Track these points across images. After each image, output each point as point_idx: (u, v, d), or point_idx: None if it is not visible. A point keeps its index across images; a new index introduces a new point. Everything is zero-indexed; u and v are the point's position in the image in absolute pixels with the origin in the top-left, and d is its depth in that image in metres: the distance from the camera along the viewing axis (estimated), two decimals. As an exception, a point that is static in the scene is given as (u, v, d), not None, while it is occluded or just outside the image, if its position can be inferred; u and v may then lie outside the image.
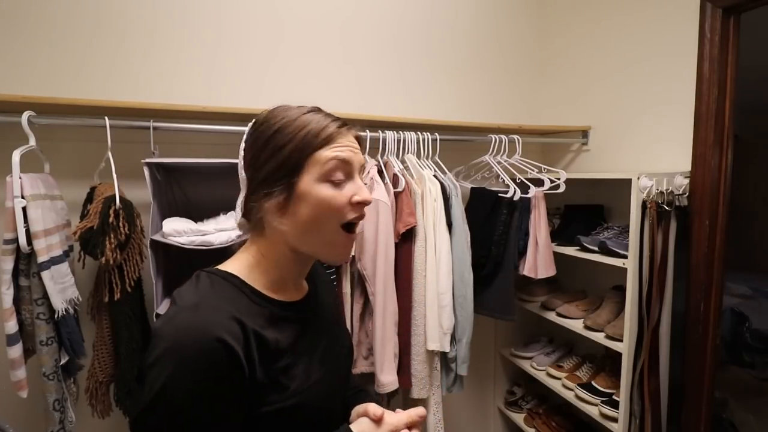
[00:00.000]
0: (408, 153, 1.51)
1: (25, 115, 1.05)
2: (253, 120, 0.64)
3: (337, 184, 0.58)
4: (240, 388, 0.50)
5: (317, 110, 0.62)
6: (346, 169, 0.59)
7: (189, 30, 1.43)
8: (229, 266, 0.62)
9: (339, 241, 0.60)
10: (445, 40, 1.85)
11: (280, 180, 0.57)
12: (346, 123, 0.62)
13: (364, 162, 0.63)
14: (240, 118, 1.36)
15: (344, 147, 0.59)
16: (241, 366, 0.50)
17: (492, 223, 1.57)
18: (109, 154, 1.14)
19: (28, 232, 0.98)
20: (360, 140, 0.64)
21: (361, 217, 0.60)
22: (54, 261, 1.03)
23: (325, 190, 0.57)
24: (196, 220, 1.24)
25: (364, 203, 0.59)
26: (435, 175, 1.48)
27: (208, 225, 1.21)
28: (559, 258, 1.65)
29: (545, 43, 2.06)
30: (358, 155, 0.61)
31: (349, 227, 0.61)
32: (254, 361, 0.52)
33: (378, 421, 0.60)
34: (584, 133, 1.89)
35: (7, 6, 1.22)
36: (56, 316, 1.03)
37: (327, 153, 0.57)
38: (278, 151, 0.57)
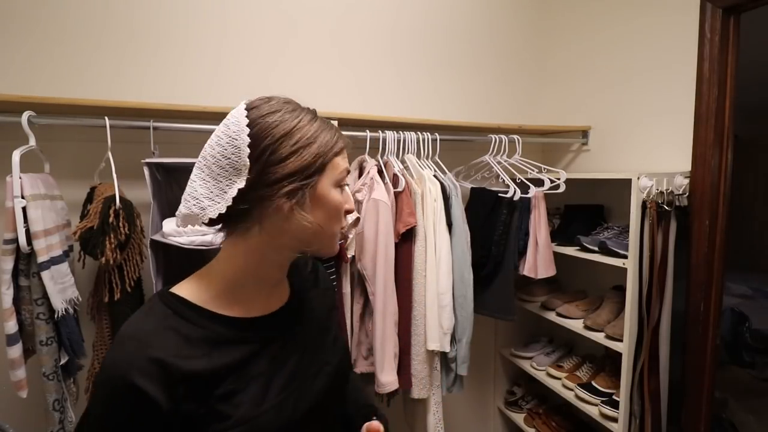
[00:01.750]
0: (408, 153, 1.51)
1: (25, 115, 1.05)
2: (246, 108, 0.58)
3: (341, 192, 0.61)
4: (154, 426, 0.49)
5: (313, 109, 0.63)
6: (345, 178, 0.62)
7: (189, 30, 1.43)
8: (187, 283, 0.59)
9: (336, 239, 0.63)
10: (445, 40, 1.85)
11: (306, 179, 0.55)
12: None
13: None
14: (240, 118, 1.36)
15: (346, 158, 0.62)
16: (154, 405, 0.48)
17: (492, 223, 1.57)
18: (109, 154, 1.14)
19: (28, 232, 0.98)
20: None
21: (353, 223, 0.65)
22: (54, 261, 1.03)
23: (337, 196, 0.60)
24: (196, 220, 1.24)
25: (350, 211, 0.63)
26: (435, 175, 1.48)
27: (208, 225, 1.21)
28: (559, 258, 1.65)
29: (545, 43, 2.06)
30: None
31: None
32: (179, 396, 0.49)
33: None
34: (584, 133, 1.89)
35: (7, 6, 1.22)
36: (56, 316, 1.03)
37: (341, 161, 0.60)
38: (303, 149, 0.55)
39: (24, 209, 0.98)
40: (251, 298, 0.60)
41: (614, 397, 1.49)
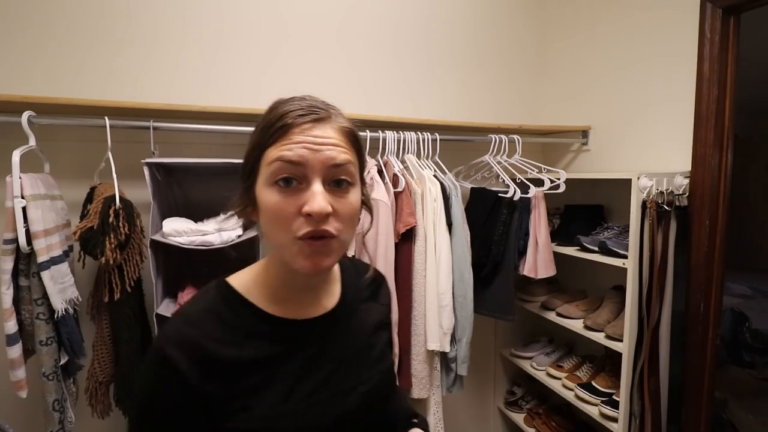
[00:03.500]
0: (408, 153, 1.51)
1: (25, 115, 1.05)
2: None
3: (285, 190, 0.49)
4: (188, 404, 0.50)
5: (300, 99, 0.53)
6: (298, 172, 0.49)
7: (189, 30, 1.43)
8: (243, 272, 0.60)
9: (297, 252, 0.50)
10: (445, 40, 1.85)
11: (247, 179, 0.53)
12: (321, 113, 0.52)
13: (338, 160, 0.50)
14: (240, 118, 1.36)
15: (297, 144, 0.48)
16: (184, 379, 0.49)
17: (492, 223, 1.57)
18: (109, 154, 1.14)
19: (27, 232, 0.98)
20: (347, 135, 0.54)
21: (319, 232, 0.48)
22: (54, 261, 1.03)
23: (270, 197, 0.49)
24: (196, 220, 1.24)
25: (315, 215, 0.47)
26: (435, 175, 1.48)
27: (208, 225, 1.21)
28: (559, 258, 1.65)
29: (545, 43, 2.06)
30: (322, 152, 0.49)
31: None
32: (207, 377, 0.50)
33: None
34: (584, 133, 1.89)
35: (8, 6, 1.22)
36: (56, 316, 1.03)
37: (273, 152, 0.49)
38: (249, 145, 0.53)
39: (24, 209, 0.98)
40: (289, 299, 0.58)
41: (614, 397, 1.49)
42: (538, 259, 1.60)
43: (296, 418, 0.53)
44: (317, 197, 0.47)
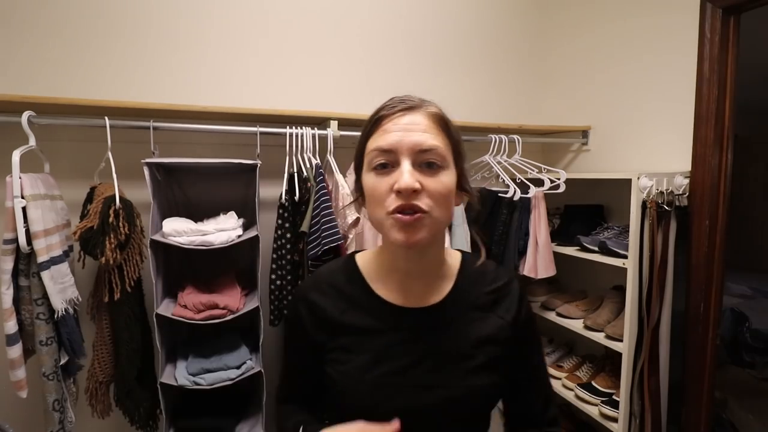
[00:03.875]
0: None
1: (25, 115, 1.06)
2: None
3: (381, 173, 0.55)
4: (305, 339, 0.63)
5: (393, 98, 0.59)
6: (390, 157, 0.54)
7: (190, 30, 1.43)
8: (369, 251, 0.69)
9: (390, 226, 0.54)
10: (445, 40, 1.85)
11: (357, 170, 0.62)
12: (411, 104, 0.57)
13: (425, 144, 0.54)
14: (240, 118, 1.36)
15: (389, 132, 0.55)
16: (303, 325, 0.63)
17: (492, 223, 1.57)
18: (109, 154, 1.14)
19: (27, 232, 0.98)
20: (437, 120, 0.57)
21: (408, 206, 0.52)
22: (54, 261, 1.03)
23: (369, 180, 0.57)
24: (196, 220, 1.24)
25: (402, 191, 0.52)
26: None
27: (208, 225, 1.21)
28: (559, 258, 1.65)
29: (546, 44, 2.06)
30: (410, 137, 0.54)
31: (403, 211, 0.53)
32: (318, 327, 0.62)
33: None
34: (584, 133, 1.89)
35: (8, 6, 1.22)
36: (56, 316, 1.03)
37: (371, 143, 0.57)
38: (356, 147, 0.62)
39: (24, 209, 0.98)
40: (396, 283, 0.62)
41: (614, 397, 1.49)
42: (538, 259, 1.60)
43: (370, 391, 0.58)
44: (404, 175, 0.52)
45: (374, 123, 0.57)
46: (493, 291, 0.64)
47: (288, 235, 1.29)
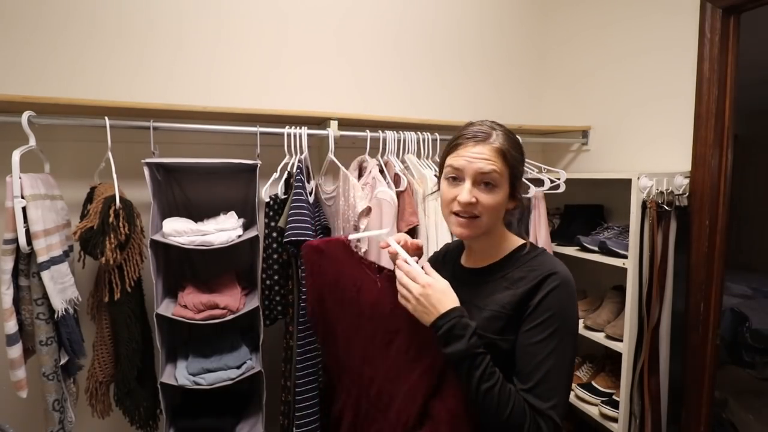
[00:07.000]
0: (408, 153, 1.51)
1: (25, 115, 1.05)
2: None
3: (452, 183, 0.78)
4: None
5: (479, 123, 0.80)
6: (458, 174, 0.76)
7: (190, 30, 1.43)
8: None
9: (452, 221, 0.79)
10: (445, 41, 1.85)
11: (439, 175, 0.84)
12: (482, 136, 0.76)
13: (485, 170, 0.74)
14: (240, 118, 1.36)
15: (461, 157, 0.76)
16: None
17: (492, 223, 1.57)
18: (109, 154, 1.14)
19: (28, 232, 0.98)
20: (499, 153, 0.76)
21: (464, 211, 0.76)
22: (54, 261, 1.03)
23: (443, 186, 0.80)
24: (196, 220, 1.24)
25: (461, 203, 0.75)
26: (436, 175, 1.48)
27: (208, 225, 1.21)
28: (559, 258, 1.64)
29: (546, 44, 2.06)
30: (474, 164, 0.74)
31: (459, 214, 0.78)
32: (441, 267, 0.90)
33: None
34: (584, 133, 1.89)
35: (8, 6, 1.22)
36: (56, 316, 1.03)
37: (449, 159, 0.78)
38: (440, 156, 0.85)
39: (24, 209, 0.98)
40: (466, 253, 0.90)
41: (614, 397, 1.49)
42: (538, 259, 1.59)
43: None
44: (464, 193, 0.75)
45: (453, 145, 0.79)
46: (525, 274, 0.78)
47: (274, 234, 1.28)
